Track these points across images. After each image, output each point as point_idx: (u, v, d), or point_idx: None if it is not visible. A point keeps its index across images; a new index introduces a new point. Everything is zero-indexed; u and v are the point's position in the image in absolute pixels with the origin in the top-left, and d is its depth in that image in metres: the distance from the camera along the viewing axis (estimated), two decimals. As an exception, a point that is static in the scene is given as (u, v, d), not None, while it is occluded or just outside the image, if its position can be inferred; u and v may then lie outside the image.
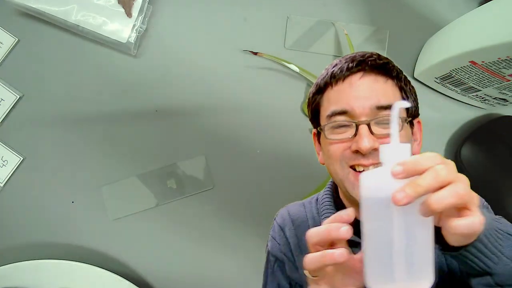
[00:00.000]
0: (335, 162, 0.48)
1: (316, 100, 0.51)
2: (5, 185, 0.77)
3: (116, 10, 0.75)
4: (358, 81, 0.47)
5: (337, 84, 0.48)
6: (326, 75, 0.50)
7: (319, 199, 0.57)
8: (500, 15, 0.60)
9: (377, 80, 0.47)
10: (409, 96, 0.49)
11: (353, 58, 0.48)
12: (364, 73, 0.47)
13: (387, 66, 0.48)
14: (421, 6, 0.82)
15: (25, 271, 0.72)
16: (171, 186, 0.78)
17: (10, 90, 0.77)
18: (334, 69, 0.49)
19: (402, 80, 0.49)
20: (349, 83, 0.47)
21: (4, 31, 0.77)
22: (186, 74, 0.80)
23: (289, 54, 0.81)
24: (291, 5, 0.81)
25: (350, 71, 0.47)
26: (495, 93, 0.72)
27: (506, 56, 0.59)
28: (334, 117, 0.47)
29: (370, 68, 0.47)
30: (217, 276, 0.78)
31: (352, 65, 0.47)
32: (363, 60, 0.47)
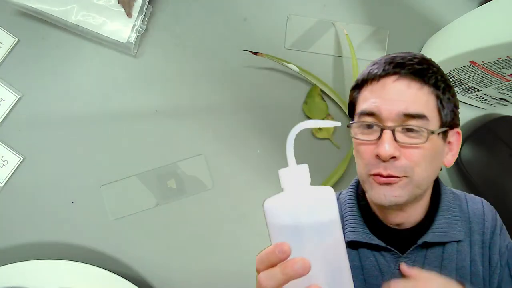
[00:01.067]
0: (362, 163, 0.48)
1: (353, 95, 0.51)
2: (5, 185, 0.77)
3: (116, 10, 0.75)
4: (391, 84, 0.46)
5: (372, 83, 0.47)
6: (365, 72, 0.49)
7: (341, 198, 0.55)
8: (500, 15, 0.60)
9: (410, 86, 0.46)
10: (445, 106, 0.47)
11: (393, 59, 0.47)
12: (400, 76, 0.46)
13: (425, 72, 0.46)
14: (421, 6, 0.82)
15: (25, 271, 0.72)
16: (171, 186, 0.79)
17: (10, 90, 0.77)
18: (373, 68, 0.48)
19: (441, 88, 0.47)
20: (382, 85, 0.46)
21: (4, 31, 0.77)
22: (186, 74, 0.80)
23: (289, 54, 0.81)
24: (291, 5, 0.81)
25: (386, 73, 0.46)
26: (495, 93, 0.72)
27: (506, 56, 0.59)
28: (363, 117, 0.47)
29: (406, 72, 0.46)
30: (217, 276, 0.78)
31: (390, 67, 0.46)
32: (401, 63, 0.46)
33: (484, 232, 0.51)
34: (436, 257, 0.50)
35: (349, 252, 0.51)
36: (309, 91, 0.80)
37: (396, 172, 0.45)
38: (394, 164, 0.45)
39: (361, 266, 0.51)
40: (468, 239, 0.50)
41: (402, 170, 0.45)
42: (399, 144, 0.44)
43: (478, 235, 0.51)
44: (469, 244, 0.50)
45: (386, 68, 0.46)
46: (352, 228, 0.51)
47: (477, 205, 0.53)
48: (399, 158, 0.45)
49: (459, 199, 0.54)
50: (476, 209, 0.53)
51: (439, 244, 0.50)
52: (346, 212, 0.53)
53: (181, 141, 0.79)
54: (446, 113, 0.47)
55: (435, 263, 0.49)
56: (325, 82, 0.80)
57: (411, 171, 0.45)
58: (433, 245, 0.50)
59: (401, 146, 0.45)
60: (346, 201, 0.54)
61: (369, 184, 0.47)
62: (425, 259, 0.50)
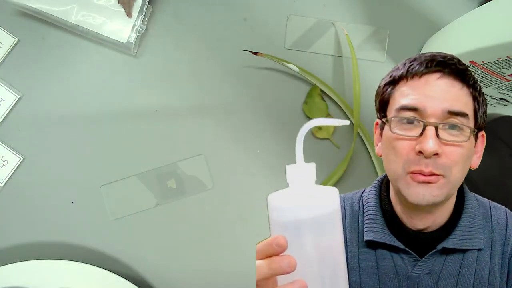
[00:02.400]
0: (399, 160, 0.47)
1: (388, 90, 0.50)
2: (5, 185, 0.77)
3: (116, 10, 0.75)
4: (435, 81, 0.46)
5: (413, 79, 0.47)
6: (403, 68, 0.48)
7: (363, 196, 0.55)
8: (500, 15, 0.60)
9: (454, 84, 0.46)
10: (481, 107, 0.48)
11: (433, 57, 0.47)
12: (443, 74, 0.46)
13: (465, 73, 0.47)
14: (421, 6, 0.82)
15: (25, 271, 0.72)
16: (171, 186, 0.79)
17: (10, 90, 0.77)
18: (413, 64, 0.48)
19: (478, 91, 0.47)
20: (426, 81, 0.46)
21: (4, 31, 0.77)
22: (186, 74, 0.80)
23: (289, 54, 0.81)
24: (291, 5, 0.81)
25: (429, 69, 0.46)
26: (495, 93, 0.72)
27: (506, 56, 0.59)
28: (404, 112, 0.46)
29: (449, 71, 0.46)
30: (217, 276, 0.79)
31: (432, 64, 0.46)
32: (443, 62, 0.46)
33: (506, 243, 0.50)
34: (455, 264, 0.49)
35: (366, 251, 0.51)
36: (309, 91, 0.80)
37: (437, 170, 0.45)
38: (435, 161, 0.44)
39: (377, 266, 0.50)
40: (489, 249, 0.50)
41: (441, 168, 0.45)
42: (441, 141, 0.44)
43: (500, 246, 0.50)
44: (490, 253, 0.49)
45: (429, 65, 0.46)
46: (372, 227, 0.51)
47: (500, 215, 0.52)
48: (441, 156, 0.45)
49: (483, 206, 0.53)
50: (500, 219, 0.52)
51: (459, 251, 0.49)
52: (367, 211, 0.53)
53: (181, 141, 0.79)
54: (481, 114, 0.47)
55: (453, 270, 0.49)
56: (325, 82, 0.80)
57: (449, 170, 0.45)
58: (453, 252, 0.49)
59: (442, 143, 0.44)
60: (368, 200, 0.54)
61: (406, 183, 0.46)
62: (443, 265, 0.49)
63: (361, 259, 0.51)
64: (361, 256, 0.51)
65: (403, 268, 0.49)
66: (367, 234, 0.51)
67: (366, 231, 0.51)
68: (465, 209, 0.51)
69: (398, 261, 0.50)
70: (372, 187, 0.55)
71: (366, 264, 0.51)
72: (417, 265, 0.49)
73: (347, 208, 0.55)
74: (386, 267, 0.50)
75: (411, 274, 0.49)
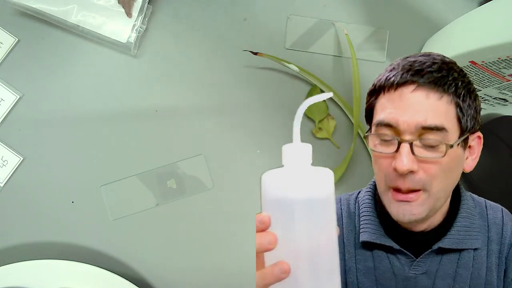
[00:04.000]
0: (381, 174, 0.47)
1: (370, 101, 0.49)
2: (5, 185, 0.77)
3: (116, 10, 0.75)
4: (409, 94, 0.44)
5: (389, 91, 0.45)
6: (383, 77, 0.47)
7: (359, 197, 0.55)
8: (500, 15, 0.60)
9: (429, 96, 0.43)
10: (466, 113, 0.45)
11: (411, 65, 0.45)
12: (418, 86, 0.43)
13: (445, 80, 0.44)
14: (421, 6, 0.82)
15: (25, 271, 0.72)
16: (171, 186, 0.79)
17: (10, 90, 0.77)
18: (390, 74, 0.46)
19: (461, 96, 0.44)
20: (400, 94, 0.44)
21: (4, 31, 0.77)
22: (186, 74, 0.80)
23: (289, 54, 0.81)
24: (291, 5, 0.81)
25: (404, 81, 0.44)
26: (495, 93, 0.72)
27: (506, 56, 0.59)
28: (380, 128, 0.45)
29: (424, 81, 0.43)
30: (217, 275, 0.78)
31: (407, 74, 0.44)
32: (419, 70, 0.44)
33: (502, 242, 0.50)
34: (451, 263, 0.49)
35: (363, 252, 0.51)
36: (309, 91, 0.80)
37: (415, 185, 0.44)
38: (412, 178, 0.44)
39: (374, 267, 0.50)
40: (485, 248, 0.50)
41: (420, 184, 0.44)
42: (417, 158, 0.43)
43: (496, 245, 0.50)
44: (487, 252, 0.50)
45: (404, 76, 0.44)
46: (367, 228, 0.51)
47: (497, 214, 0.52)
48: (417, 172, 0.44)
49: (480, 205, 0.53)
50: (496, 218, 0.52)
51: (455, 251, 0.49)
52: (363, 212, 0.53)
53: (181, 141, 0.79)
54: (466, 120, 0.45)
55: (450, 270, 0.49)
56: (325, 82, 0.80)
57: (429, 184, 0.45)
58: (449, 251, 0.49)
59: (418, 160, 0.44)
60: (364, 200, 0.54)
61: (388, 199, 0.47)
62: (440, 265, 0.49)
63: (358, 260, 0.51)
64: (358, 257, 0.51)
65: (400, 269, 0.49)
66: (362, 235, 0.51)
67: (362, 232, 0.51)
68: (461, 209, 0.51)
69: (395, 261, 0.50)
70: (368, 188, 0.55)
71: (363, 265, 0.51)
72: (413, 265, 0.49)
73: (344, 209, 0.55)
74: (383, 267, 0.50)
75: (408, 275, 0.49)
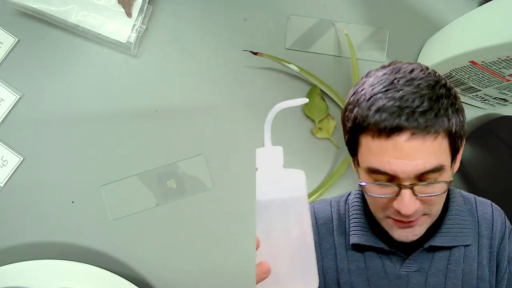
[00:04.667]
0: (377, 207, 0.47)
1: (354, 133, 0.45)
2: (5, 185, 0.77)
3: (116, 10, 0.75)
4: (404, 143, 0.41)
5: (379, 138, 0.42)
6: (368, 115, 0.42)
7: (349, 199, 0.55)
8: (500, 15, 0.60)
9: (425, 141, 0.41)
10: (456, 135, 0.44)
11: (399, 106, 0.41)
12: (412, 134, 0.41)
13: (438, 120, 0.41)
14: (421, 6, 0.82)
15: (25, 271, 0.72)
16: (171, 186, 0.79)
17: (10, 90, 0.77)
18: (377, 116, 0.41)
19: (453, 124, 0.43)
20: (393, 145, 0.41)
21: (4, 31, 0.77)
22: (186, 74, 0.80)
23: (289, 54, 0.81)
24: (291, 5, 0.81)
25: (397, 128, 0.41)
26: (495, 93, 0.72)
27: (506, 56, 0.59)
28: (375, 175, 0.44)
29: (419, 127, 0.41)
30: (217, 275, 0.78)
31: (399, 120, 0.41)
32: (411, 114, 0.40)
33: (492, 237, 0.51)
34: (443, 260, 0.50)
35: (354, 253, 0.52)
36: (309, 91, 0.80)
37: (417, 216, 0.45)
38: (414, 213, 0.44)
39: (366, 267, 0.51)
40: (476, 243, 0.50)
41: (421, 213, 0.46)
42: (418, 198, 0.44)
43: (487, 240, 0.51)
44: (477, 248, 0.50)
45: (396, 122, 0.41)
46: (356, 231, 0.52)
47: (486, 209, 0.53)
48: (419, 206, 0.45)
49: (469, 202, 0.53)
50: (486, 213, 0.52)
51: (447, 248, 0.50)
52: (352, 215, 0.53)
53: (181, 141, 0.79)
54: (457, 142, 0.45)
55: (442, 266, 0.49)
56: (325, 82, 0.80)
57: (430, 210, 0.46)
58: (440, 249, 0.50)
59: (420, 199, 0.44)
60: (353, 203, 0.54)
61: (388, 224, 0.47)
62: (431, 262, 0.50)
63: (350, 261, 0.52)
64: (350, 258, 0.52)
65: (392, 267, 0.50)
66: (352, 237, 0.52)
67: (352, 235, 0.52)
68: (451, 207, 0.51)
69: (386, 261, 0.50)
70: (357, 191, 0.55)
71: (356, 266, 0.52)
72: (405, 263, 0.50)
73: (334, 211, 0.55)
74: (375, 267, 0.51)
75: (400, 273, 0.50)
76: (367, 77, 0.47)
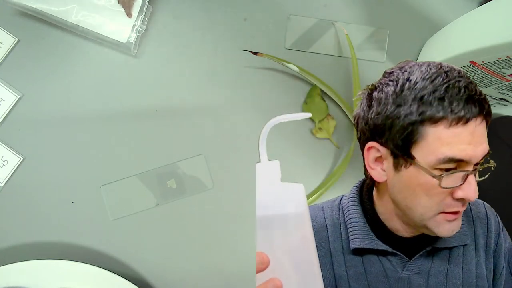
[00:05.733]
0: (432, 205, 0.45)
1: (416, 129, 0.44)
2: (5, 185, 0.77)
3: (116, 10, 0.75)
4: (477, 127, 0.43)
5: (456, 126, 0.42)
6: (441, 104, 0.42)
7: (343, 204, 0.54)
8: (500, 15, 0.60)
9: (485, 125, 0.44)
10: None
11: (469, 93, 0.42)
12: (482, 118, 0.43)
13: (489, 105, 0.44)
14: (421, 6, 0.82)
15: (25, 271, 0.72)
16: (171, 186, 0.79)
17: (10, 90, 0.77)
18: (454, 106, 0.42)
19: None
20: (470, 130, 0.42)
21: (4, 31, 0.77)
22: (186, 74, 0.80)
23: (289, 54, 0.81)
24: (291, 5, 0.81)
25: (474, 115, 0.42)
26: (495, 93, 0.72)
27: (506, 56, 0.59)
28: (444, 165, 0.43)
29: (485, 112, 0.43)
30: (217, 276, 0.79)
31: (473, 107, 0.42)
32: (480, 101, 0.42)
33: (488, 236, 0.52)
34: (443, 261, 0.50)
35: (352, 258, 0.51)
36: (309, 91, 0.80)
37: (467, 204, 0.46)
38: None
39: (365, 272, 0.50)
40: (473, 243, 0.51)
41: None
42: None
43: (483, 239, 0.52)
44: (475, 247, 0.51)
45: (473, 110, 0.42)
46: (357, 235, 0.51)
47: (479, 208, 0.54)
48: None
49: None
50: (480, 213, 0.53)
51: (446, 249, 0.50)
52: (350, 219, 0.52)
53: (181, 141, 0.79)
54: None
55: (442, 267, 0.50)
56: (325, 82, 0.80)
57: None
58: (440, 250, 0.50)
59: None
60: (349, 207, 0.53)
61: (436, 222, 0.46)
62: (432, 264, 0.50)
63: (348, 267, 0.51)
64: (348, 264, 0.51)
65: (393, 271, 0.50)
66: (353, 242, 0.51)
67: (352, 239, 0.51)
68: None
69: (387, 264, 0.50)
70: (351, 194, 0.54)
71: (354, 271, 0.51)
72: (406, 266, 0.49)
73: (328, 218, 0.54)
74: (375, 271, 0.50)
75: (401, 276, 0.49)
76: (403, 75, 0.45)
